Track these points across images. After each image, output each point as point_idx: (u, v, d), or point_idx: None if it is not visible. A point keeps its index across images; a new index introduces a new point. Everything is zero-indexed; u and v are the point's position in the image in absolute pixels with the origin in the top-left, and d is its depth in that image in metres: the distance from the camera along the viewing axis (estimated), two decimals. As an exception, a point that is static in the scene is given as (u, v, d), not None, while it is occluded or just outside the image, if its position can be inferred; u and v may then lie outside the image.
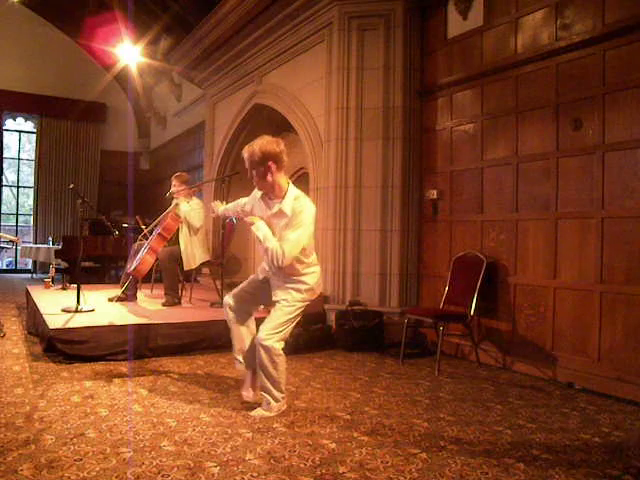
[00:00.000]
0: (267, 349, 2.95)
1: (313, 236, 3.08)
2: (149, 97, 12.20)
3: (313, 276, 3.09)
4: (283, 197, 2.96)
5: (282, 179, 2.96)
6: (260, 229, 2.94)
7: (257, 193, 3.16)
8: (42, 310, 4.85)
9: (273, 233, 2.99)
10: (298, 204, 2.91)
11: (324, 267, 5.41)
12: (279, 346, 3.00)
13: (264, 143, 2.88)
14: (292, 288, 3.03)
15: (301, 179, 6.79)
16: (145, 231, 5.94)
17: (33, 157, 12.60)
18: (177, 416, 2.99)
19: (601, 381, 3.71)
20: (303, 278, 3.05)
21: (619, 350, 3.67)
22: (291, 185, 3.00)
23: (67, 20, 11.43)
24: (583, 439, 2.82)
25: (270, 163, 2.84)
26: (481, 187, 4.73)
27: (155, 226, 5.83)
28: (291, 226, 2.89)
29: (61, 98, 11.95)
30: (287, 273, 3.02)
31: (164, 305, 5.54)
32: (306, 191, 4.84)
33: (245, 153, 2.94)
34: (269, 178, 2.90)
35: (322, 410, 3.18)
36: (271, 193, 2.99)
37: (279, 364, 3.00)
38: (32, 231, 12.39)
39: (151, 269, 5.79)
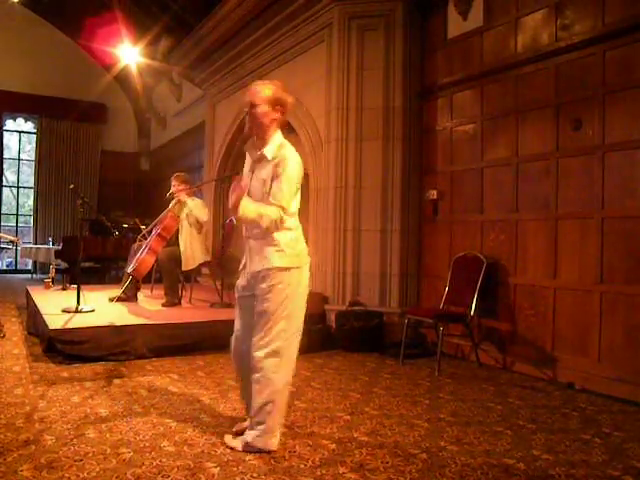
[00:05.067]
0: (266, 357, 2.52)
1: (298, 196, 2.66)
2: (149, 97, 12.20)
3: (293, 241, 2.60)
4: (268, 143, 2.63)
5: (275, 130, 2.66)
6: (247, 208, 2.46)
7: (247, 153, 2.81)
8: (42, 310, 4.85)
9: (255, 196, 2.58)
10: (282, 151, 2.59)
11: (324, 268, 5.43)
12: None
13: (278, 88, 2.62)
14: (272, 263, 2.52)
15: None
16: (144, 231, 5.94)
17: (33, 157, 12.59)
18: (177, 416, 2.99)
19: (601, 381, 3.71)
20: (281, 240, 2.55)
21: (619, 350, 3.66)
22: (279, 135, 2.67)
23: (67, 20, 11.43)
24: (583, 439, 2.82)
25: (278, 108, 2.60)
26: (481, 187, 4.73)
27: (154, 226, 5.82)
28: (276, 176, 2.53)
29: (61, 98, 11.94)
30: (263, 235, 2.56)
31: (164, 305, 5.54)
32: (307, 192, 4.84)
33: (257, 88, 2.64)
34: (269, 123, 2.61)
35: (322, 410, 3.18)
36: (260, 139, 2.66)
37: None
38: (32, 231, 12.38)
39: (151, 269, 5.79)
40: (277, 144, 2.63)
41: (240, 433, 2.66)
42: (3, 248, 6.82)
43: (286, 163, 2.54)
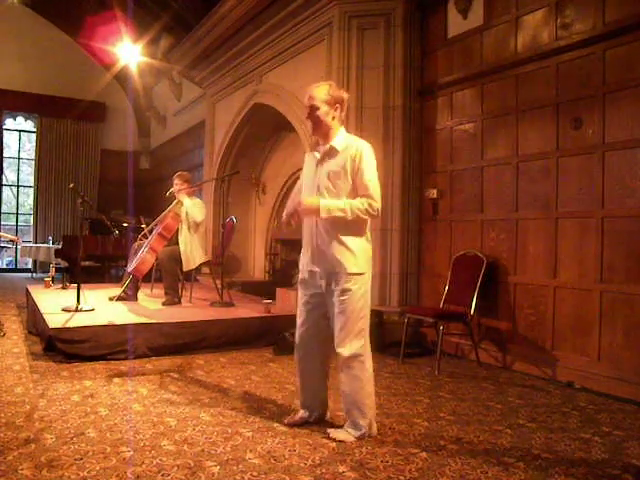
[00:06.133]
0: (356, 358, 2.75)
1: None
2: (149, 96, 12.20)
3: (366, 245, 2.86)
4: (333, 138, 2.75)
5: (338, 126, 2.77)
6: (329, 207, 2.60)
7: (307, 155, 2.93)
8: (42, 309, 4.85)
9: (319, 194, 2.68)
10: (351, 141, 2.70)
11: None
12: (368, 350, 2.80)
13: (335, 87, 2.78)
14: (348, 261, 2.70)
15: (301, 178, 6.79)
16: (145, 230, 5.94)
17: (33, 156, 12.60)
18: (177, 415, 2.99)
19: (601, 381, 3.71)
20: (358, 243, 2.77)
21: (619, 350, 3.67)
22: (343, 130, 2.79)
23: (67, 19, 11.43)
24: (583, 439, 2.82)
25: (337, 106, 2.73)
26: (481, 186, 4.73)
27: (155, 225, 5.83)
28: (357, 169, 2.63)
29: (61, 98, 11.94)
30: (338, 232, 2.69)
31: (164, 304, 5.54)
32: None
33: (315, 89, 2.76)
34: (330, 121, 2.72)
35: (322, 409, 3.18)
36: (324, 138, 2.77)
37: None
38: (32, 230, 12.39)
39: (151, 268, 5.79)
40: (344, 136, 2.75)
41: (296, 424, 2.85)
42: (3, 247, 6.83)
43: (363, 153, 2.66)
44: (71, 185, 5.49)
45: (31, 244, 11.32)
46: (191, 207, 5.65)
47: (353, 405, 2.73)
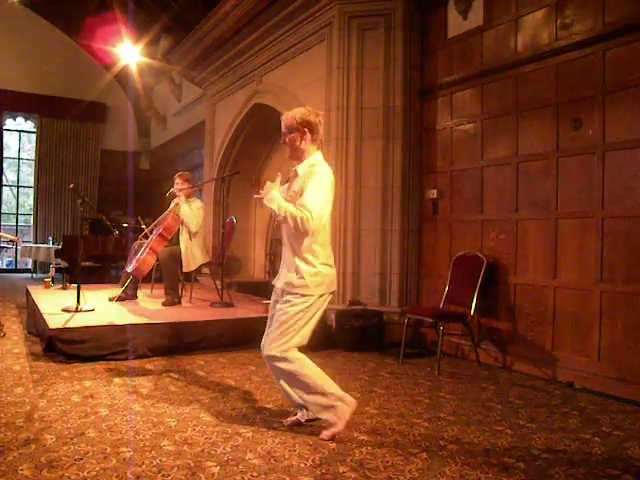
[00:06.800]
0: (276, 359, 2.73)
1: (329, 222, 2.84)
2: (149, 97, 12.20)
3: (314, 274, 2.74)
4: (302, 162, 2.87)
5: (312, 149, 2.86)
6: (273, 199, 2.71)
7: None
8: (42, 310, 4.85)
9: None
10: (313, 168, 2.80)
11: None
12: (292, 353, 2.73)
13: (304, 111, 2.86)
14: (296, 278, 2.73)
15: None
16: (146, 231, 5.94)
17: (33, 157, 12.60)
18: (177, 416, 2.99)
19: (601, 381, 3.71)
20: (313, 263, 2.74)
21: (619, 350, 3.67)
22: (317, 155, 2.87)
23: (67, 20, 11.43)
24: (583, 439, 2.82)
25: (306, 130, 2.81)
26: (481, 187, 4.73)
27: (155, 225, 5.82)
28: (305, 188, 2.71)
29: (61, 98, 11.94)
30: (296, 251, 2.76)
31: (164, 305, 5.54)
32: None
33: (285, 117, 2.89)
34: (302, 145, 2.83)
35: (322, 410, 3.18)
36: (298, 161, 2.89)
37: (303, 367, 2.74)
38: (32, 231, 12.39)
39: (151, 269, 5.79)
40: (310, 163, 2.84)
41: (294, 424, 2.88)
42: (3, 247, 6.83)
43: (313, 175, 2.75)
44: (71, 185, 5.48)
45: (31, 244, 11.32)
46: (188, 215, 5.58)
47: (301, 394, 2.75)
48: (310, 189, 2.69)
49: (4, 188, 12.42)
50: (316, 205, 2.66)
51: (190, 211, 5.63)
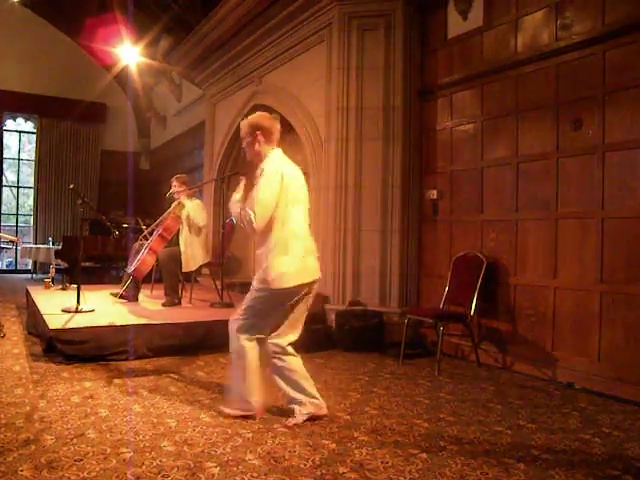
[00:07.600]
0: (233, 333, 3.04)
1: (295, 213, 2.94)
2: (149, 97, 12.20)
3: (281, 262, 2.84)
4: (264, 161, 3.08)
5: (269, 150, 3.05)
6: (232, 205, 3.04)
7: None
8: (42, 310, 4.85)
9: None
10: (269, 164, 2.98)
11: (324, 268, 5.41)
12: (242, 339, 2.99)
13: (256, 116, 3.10)
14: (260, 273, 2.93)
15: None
16: (146, 231, 5.94)
17: (33, 157, 12.59)
18: (177, 416, 2.99)
19: (601, 381, 3.71)
20: (270, 258, 2.87)
21: (619, 350, 3.66)
22: (274, 153, 3.03)
23: (67, 20, 11.42)
24: (583, 439, 2.82)
25: (258, 133, 3.00)
26: (481, 187, 4.73)
27: (156, 226, 5.83)
28: (256, 187, 2.92)
29: (61, 98, 11.93)
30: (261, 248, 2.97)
31: (164, 305, 5.54)
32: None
33: (241, 125, 3.12)
34: (257, 147, 3.03)
35: (322, 410, 3.18)
36: (259, 163, 3.08)
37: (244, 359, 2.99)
38: (32, 231, 12.39)
39: (151, 269, 5.79)
40: (271, 159, 3.02)
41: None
42: (3, 248, 6.82)
43: (263, 177, 2.91)
44: (71, 186, 5.48)
45: (31, 245, 11.31)
46: (194, 210, 5.63)
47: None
48: (256, 189, 2.88)
49: (4, 189, 12.41)
50: (258, 204, 2.82)
51: (193, 207, 5.67)
